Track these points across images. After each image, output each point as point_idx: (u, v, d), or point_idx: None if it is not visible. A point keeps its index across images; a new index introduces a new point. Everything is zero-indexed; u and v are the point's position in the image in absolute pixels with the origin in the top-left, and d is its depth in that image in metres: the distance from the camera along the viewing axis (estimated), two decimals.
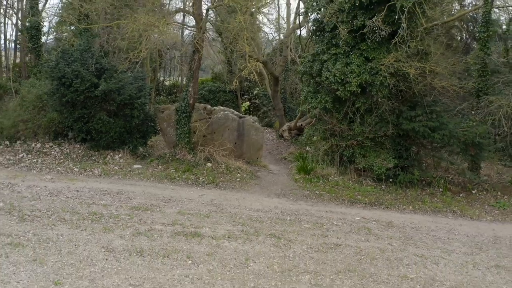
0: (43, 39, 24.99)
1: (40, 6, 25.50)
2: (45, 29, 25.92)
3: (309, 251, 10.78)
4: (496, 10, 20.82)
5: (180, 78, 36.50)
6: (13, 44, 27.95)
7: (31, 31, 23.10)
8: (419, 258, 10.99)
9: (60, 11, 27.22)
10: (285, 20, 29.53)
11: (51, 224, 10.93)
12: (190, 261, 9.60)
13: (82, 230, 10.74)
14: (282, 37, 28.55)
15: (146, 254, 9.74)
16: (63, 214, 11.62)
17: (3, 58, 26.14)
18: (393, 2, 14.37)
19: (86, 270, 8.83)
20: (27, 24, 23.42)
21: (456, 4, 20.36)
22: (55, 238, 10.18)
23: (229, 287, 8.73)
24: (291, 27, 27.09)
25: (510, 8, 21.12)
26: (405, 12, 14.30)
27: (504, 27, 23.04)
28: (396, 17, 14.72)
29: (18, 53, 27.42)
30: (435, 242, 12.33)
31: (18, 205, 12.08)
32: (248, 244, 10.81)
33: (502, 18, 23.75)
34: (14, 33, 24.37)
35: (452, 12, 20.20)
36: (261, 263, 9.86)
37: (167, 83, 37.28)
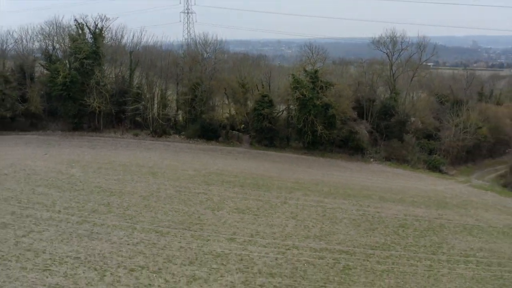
0: None
1: None
2: None
3: (247, 154, 61.39)
4: None
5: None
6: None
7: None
8: (274, 159, 61.49)
9: None
10: None
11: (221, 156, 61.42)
12: (236, 153, 60.49)
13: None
14: None
15: (229, 153, 60.27)
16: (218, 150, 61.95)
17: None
18: None
19: (225, 160, 59.44)
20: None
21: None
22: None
23: (238, 157, 59.45)
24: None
25: None
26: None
27: None
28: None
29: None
30: (268, 158, 62.51)
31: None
32: (241, 153, 61.59)
33: None
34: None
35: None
36: (240, 155, 60.62)
37: None
